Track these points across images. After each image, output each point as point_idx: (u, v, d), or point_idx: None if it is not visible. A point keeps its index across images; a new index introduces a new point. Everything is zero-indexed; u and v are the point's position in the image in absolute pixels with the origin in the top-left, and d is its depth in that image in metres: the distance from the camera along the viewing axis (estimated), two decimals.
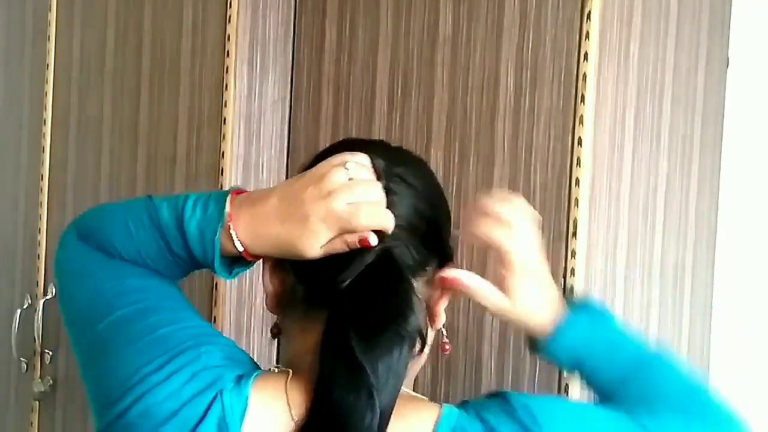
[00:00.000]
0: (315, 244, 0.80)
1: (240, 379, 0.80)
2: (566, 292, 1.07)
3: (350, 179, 0.80)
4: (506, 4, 1.23)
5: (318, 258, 0.81)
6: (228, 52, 1.48)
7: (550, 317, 0.92)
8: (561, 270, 1.14)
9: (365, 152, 0.84)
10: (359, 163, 0.82)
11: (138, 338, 0.82)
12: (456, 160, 1.27)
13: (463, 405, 0.83)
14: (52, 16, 1.90)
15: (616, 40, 1.18)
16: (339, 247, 0.80)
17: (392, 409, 0.77)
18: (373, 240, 0.79)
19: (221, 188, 1.48)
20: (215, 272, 0.86)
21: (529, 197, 1.19)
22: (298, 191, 0.81)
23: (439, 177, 0.98)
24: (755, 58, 1.56)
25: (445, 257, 0.89)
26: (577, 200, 1.15)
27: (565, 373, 1.12)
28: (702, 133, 1.44)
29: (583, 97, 1.15)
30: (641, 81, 1.24)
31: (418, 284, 0.85)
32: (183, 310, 0.88)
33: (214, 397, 0.78)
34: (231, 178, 1.48)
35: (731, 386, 1.55)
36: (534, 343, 0.95)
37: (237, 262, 0.87)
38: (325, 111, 1.47)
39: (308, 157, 0.92)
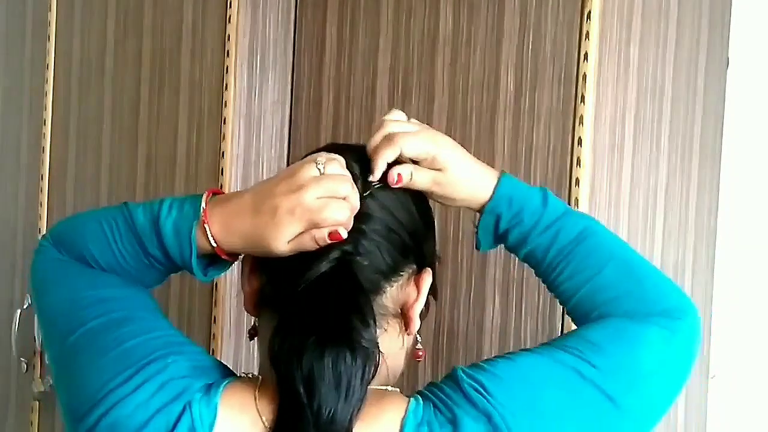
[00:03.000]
0: (282, 236, 0.80)
1: (209, 388, 0.80)
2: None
3: (321, 174, 0.81)
4: (506, 4, 1.23)
5: (286, 257, 0.82)
6: (228, 52, 1.48)
7: (486, 191, 0.93)
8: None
9: (344, 155, 0.86)
10: (330, 158, 0.83)
11: (106, 351, 0.82)
12: None
13: (424, 397, 0.82)
14: (52, 16, 1.90)
15: (616, 40, 1.18)
16: (307, 243, 0.80)
17: (353, 415, 0.76)
18: (344, 233, 0.80)
19: (221, 188, 1.48)
20: (191, 272, 0.87)
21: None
22: (270, 186, 0.82)
23: None
24: (755, 58, 1.56)
25: (423, 262, 0.89)
26: (577, 200, 1.15)
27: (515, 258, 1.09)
28: (702, 133, 1.44)
29: (583, 97, 1.15)
30: (641, 81, 1.24)
31: (392, 289, 0.85)
32: (154, 319, 0.88)
33: (183, 408, 0.78)
34: (231, 178, 1.48)
35: (731, 386, 1.55)
36: (478, 229, 0.95)
37: (213, 264, 0.88)
38: (325, 111, 1.47)
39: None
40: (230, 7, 1.48)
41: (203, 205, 0.84)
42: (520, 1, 1.22)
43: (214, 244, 0.84)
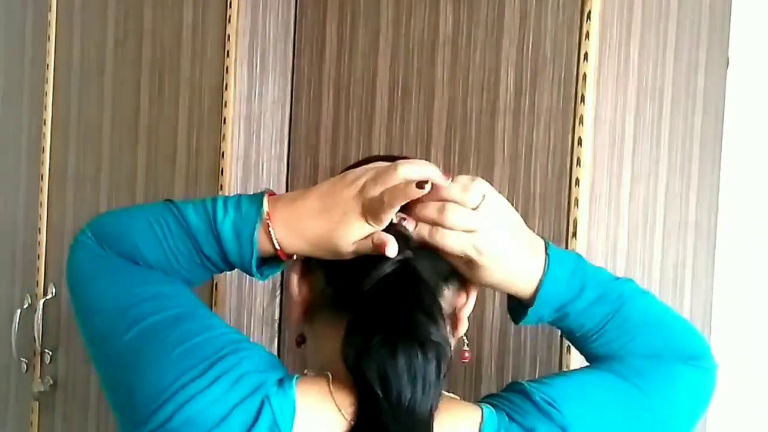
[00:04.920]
0: (351, 236, 0.82)
1: (282, 383, 0.80)
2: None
3: (376, 172, 0.83)
4: (506, 4, 1.23)
5: (348, 258, 0.83)
6: (228, 52, 1.48)
7: (528, 286, 0.90)
8: None
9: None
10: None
11: (174, 346, 0.81)
12: (456, 160, 1.27)
13: (493, 406, 0.85)
14: (52, 16, 1.90)
15: (616, 40, 1.18)
16: (366, 246, 0.82)
17: (432, 408, 0.78)
18: (392, 251, 0.80)
19: (221, 188, 1.48)
20: (249, 272, 0.87)
21: (529, 197, 1.19)
22: (338, 190, 0.84)
23: None
24: (755, 58, 1.56)
25: None
26: (577, 200, 1.15)
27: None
28: (702, 133, 1.44)
29: (583, 97, 1.15)
30: (641, 81, 1.24)
31: (448, 291, 0.88)
32: (213, 317, 0.87)
33: (262, 403, 0.78)
34: (231, 178, 1.48)
35: (731, 386, 1.55)
36: (515, 311, 0.94)
37: (267, 263, 0.88)
38: (325, 111, 1.47)
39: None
40: (230, 7, 1.48)
41: (266, 207, 0.84)
42: (520, 1, 1.22)
43: (278, 247, 0.85)
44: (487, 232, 0.84)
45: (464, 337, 0.92)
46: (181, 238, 0.87)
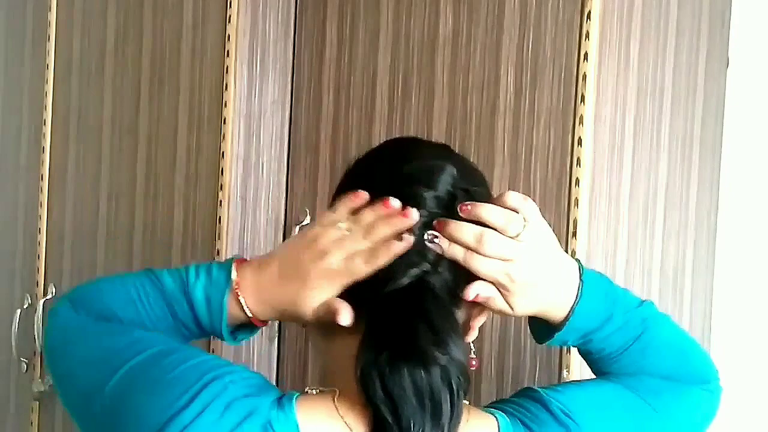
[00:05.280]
0: (314, 300, 0.83)
1: (280, 403, 0.79)
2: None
3: (342, 236, 0.82)
4: (506, 4, 1.23)
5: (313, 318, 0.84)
6: (228, 52, 1.48)
7: (558, 313, 0.89)
8: None
9: (428, 174, 0.84)
10: (353, 217, 0.83)
11: (158, 379, 0.80)
12: None
13: (505, 412, 0.84)
14: (52, 16, 1.90)
15: (616, 40, 1.18)
16: (324, 312, 0.82)
17: (457, 425, 0.77)
18: (345, 319, 0.80)
19: (221, 188, 1.48)
20: (221, 338, 0.88)
21: (529, 197, 1.19)
22: (297, 254, 0.84)
23: None
24: (755, 58, 1.56)
25: None
26: (577, 200, 1.15)
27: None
28: (702, 133, 1.44)
29: (583, 97, 1.15)
30: (641, 81, 1.24)
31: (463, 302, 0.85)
32: (192, 348, 0.86)
33: (264, 429, 0.76)
34: (231, 178, 1.48)
35: (731, 386, 1.55)
36: (540, 331, 0.94)
37: (240, 328, 0.89)
38: (325, 111, 1.47)
39: (356, 156, 0.94)
40: (230, 7, 1.48)
41: (234, 276, 0.85)
42: (520, 1, 1.22)
43: (250, 315, 0.86)
44: (523, 261, 0.82)
45: (471, 344, 0.90)
46: (156, 301, 0.88)
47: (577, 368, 1.14)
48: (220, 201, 1.48)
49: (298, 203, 1.51)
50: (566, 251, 1.14)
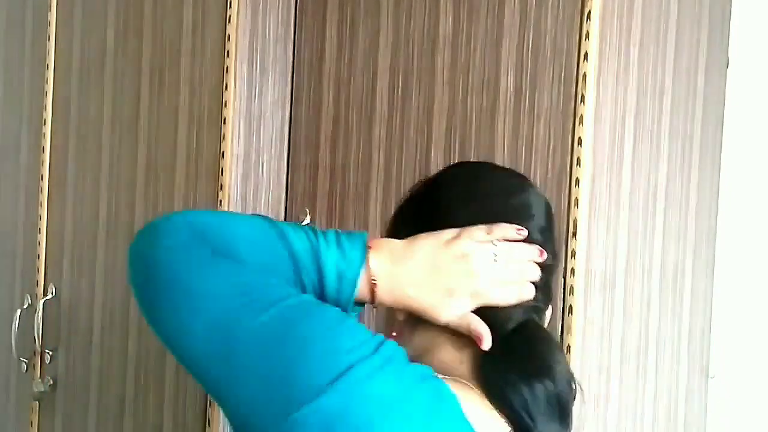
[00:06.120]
0: (454, 312, 0.86)
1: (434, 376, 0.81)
2: None
3: (495, 261, 0.87)
4: (506, 4, 1.23)
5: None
6: (228, 52, 1.48)
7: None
8: (561, 270, 1.14)
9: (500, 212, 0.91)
10: (508, 245, 0.88)
11: (335, 323, 0.77)
12: (456, 160, 1.27)
13: None
14: (52, 16, 1.90)
15: (616, 40, 1.18)
16: (461, 326, 0.87)
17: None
18: (486, 345, 0.85)
19: (221, 188, 1.48)
20: (344, 309, 0.85)
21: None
22: (444, 264, 0.87)
23: None
24: (755, 58, 1.56)
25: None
26: (577, 200, 1.15)
27: None
28: (702, 133, 1.44)
29: (583, 97, 1.15)
30: (641, 81, 1.24)
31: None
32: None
33: (443, 387, 0.79)
34: (231, 178, 1.48)
35: (731, 386, 1.55)
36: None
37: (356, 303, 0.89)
38: (326, 111, 1.47)
39: (418, 185, 0.99)
40: (230, 7, 1.48)
41: (372, 262, 0.85)
42: (520, 1, 1.22)
43: (377, 302, 0.87)
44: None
45: None
46: (283, 259, 0.83)
47: (578, 368, 1.14)
48: (220, 201, 1.48)
49: (298, 203, 1.51)
50: (566, 251, 1.14)
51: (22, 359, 1.93)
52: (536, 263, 0.90)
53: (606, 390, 1.21)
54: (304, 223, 1.46)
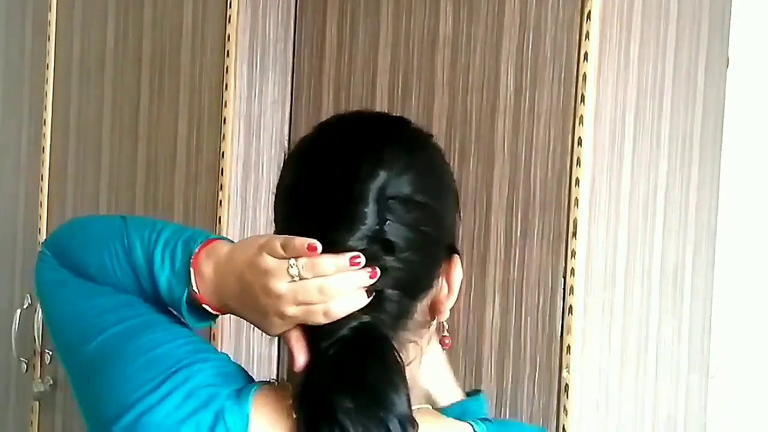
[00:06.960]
0: (275, 330, 0.82)
1: (239, 394, 0.80)
2: None
3: (295, 283, 0.78)
4: (506, 4, 1.23)
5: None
6: (228, 52, 1.48)
7: None
8: (561, 270, 1.14)
9: (351, 161, 0.84)
10: (307, 261, 0.78)
11: (135, 357, 0.82)
12: (456, 160, 1.27)
13: (487, 425, 0.85)
14: (52, 16, 1.90)
15: (616, 40, 1.18)
16: (291, 349, 0.82)
17: None
18: (299, 367, 0.79)
19: (221, 188, 1.48)
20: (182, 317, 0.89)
21: (529, 197, 1.19)
22: (249, 280, 0.80)
23: None
24: (755, 58, 1.56)
25: (451, 250, 0.86)
26: (577, 200, 1.15)
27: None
28: (702, 133, 1.43)
29: (583, 97, 1.15)
30: (641, 81, 1.24)
31: (421, 304, 0.84)
32: (174, 324, 0.88)
33: (216, 417, 0.77)
34: (231, 178, 1.48)
35: (731, 386, 1.55)
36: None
37: (206, 313, 0.88)
38: (325, 111, 1.47)
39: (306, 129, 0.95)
40: (230, 7, 1.48)
41: (193, 279, 0.84)
42: (520, 1, 1.22)
43: (214, 315, 0.87)
44: None
45: (444, 323, 0.88)
46: (127, 274, 0.89)
47: (578, 368, 1.14)
48: (220, 201, 1.48)
49: None
50: (566, 251, 1.15)
51: (22, 359, 1.93)
52: (370, 268, 0.77)
53: (606, 390, 1.21)
54: None
